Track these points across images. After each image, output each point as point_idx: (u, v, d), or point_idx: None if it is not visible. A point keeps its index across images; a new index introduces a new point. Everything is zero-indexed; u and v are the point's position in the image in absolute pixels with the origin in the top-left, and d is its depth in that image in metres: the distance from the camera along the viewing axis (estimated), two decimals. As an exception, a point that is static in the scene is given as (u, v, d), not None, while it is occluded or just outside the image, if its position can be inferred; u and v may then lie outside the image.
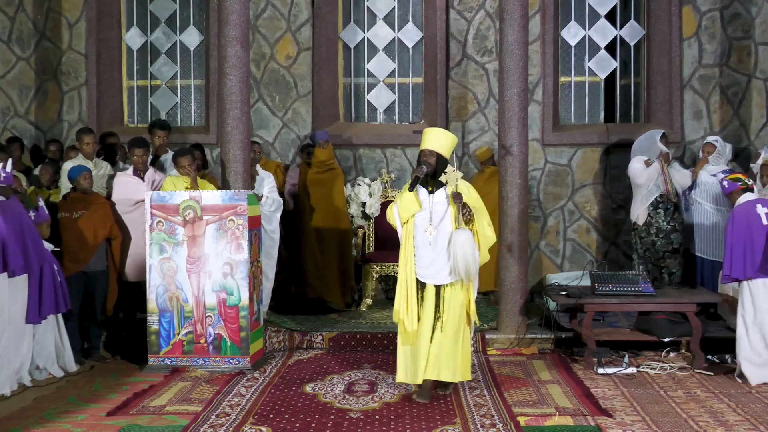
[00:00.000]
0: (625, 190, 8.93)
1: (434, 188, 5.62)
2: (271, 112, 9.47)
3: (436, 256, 5.55)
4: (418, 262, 5.60)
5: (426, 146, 5.64)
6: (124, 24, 9.76)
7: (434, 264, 5.56)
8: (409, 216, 5.62)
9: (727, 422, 5.06)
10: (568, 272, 8.76)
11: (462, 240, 5.46)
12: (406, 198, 5.59)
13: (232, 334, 6.47)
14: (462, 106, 9.35)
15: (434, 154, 5.60)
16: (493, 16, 9.20)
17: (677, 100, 9.13)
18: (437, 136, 5.69)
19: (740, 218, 6.10)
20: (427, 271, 5.59)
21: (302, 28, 9.39)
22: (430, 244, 5.56)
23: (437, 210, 5.58)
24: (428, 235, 5.56)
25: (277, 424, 5.06)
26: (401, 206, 5.62)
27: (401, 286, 5.62)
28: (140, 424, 5.08)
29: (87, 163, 7.34)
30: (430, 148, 5.62)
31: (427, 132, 5.73)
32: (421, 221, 5.61)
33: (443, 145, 5.66)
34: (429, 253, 5.56)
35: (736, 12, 9.08)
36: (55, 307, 6.21)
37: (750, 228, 6.03)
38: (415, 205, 5.59)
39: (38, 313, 6.07)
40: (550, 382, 6.08)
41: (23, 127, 9.56)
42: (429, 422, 5.09)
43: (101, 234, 6.81)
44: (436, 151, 5.61)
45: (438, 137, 5.68)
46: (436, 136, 5.68)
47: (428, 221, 5.58)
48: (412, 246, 5.61)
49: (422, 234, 5.59)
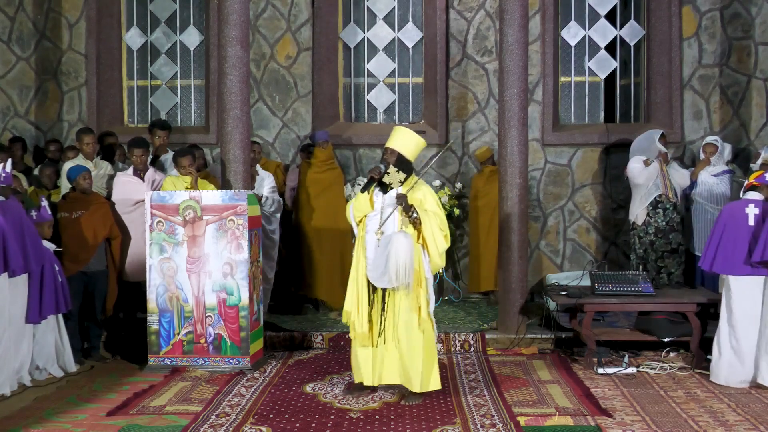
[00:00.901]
0: (625, 190, 8.92)
1: (388, 189, 5.48)
2: (271, 112, 9.47)
3: (379, 258, 5.40)
4: (368, 264, 5.49)
5: (389, 145, 5.52)
6: (124, 24, 9.76)
7: (377, 268, 5.41)
8: (362, 216, 5.53)
9: (727, 422, 5.06)
10: (568, 272, 8.77)
11: (397, 243, 5.27)
12: (359, 198, 5.51)
13: (232, 334, 6.47)
14: (462, 106, 9.35)
15: (395, 153, 5.48)
16: (493, 16, 9.20)
17: (677, 100, 9.13)
18: (402, 135, 5.54)
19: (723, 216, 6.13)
20: (373, 274, 5.45)
21: (302, 28, 9.40)
22: (378, 246, 5.42)
23: (388, 211, 5.44)
24: (376, 237, 5.44)
25: (277, 424, 5.06)
26: (355, 206, 5.53)
27: (352, 286, 5.55)
28: (140, 424, 5.08)
29: (87, 163, 7.35)
30: (392, 147, 5.50)
31: (395, 130, 5.59)
32: (372, 223, 5.50)
33: (406, 146, 5.50)
34: (378, 255, 5.41)
35: (736, 12, 9.09)
36: (56, 308, 6.21)
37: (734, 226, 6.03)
38: (366, 206, 5.48)
39: (38, 313, 6.07)
40: (550, 382, 6.08)
41: (23, 127, 9.56)
42: (429, 422, 5.09)
43: (101, 234, 6.81)
44: (398, 151, 5.48)
45: (402, 137, 5.53)
46: (400, 136, 5.54)
47: (378, 222, 5.45)
48: (363, 247, 5.52)
49: (371, 235, 5.48)
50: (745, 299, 5.94)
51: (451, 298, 9.03)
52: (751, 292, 5.93)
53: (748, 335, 5.94)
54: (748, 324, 5.93)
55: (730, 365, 5.97)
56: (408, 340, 5.43)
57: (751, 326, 5.92)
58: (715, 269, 6.11)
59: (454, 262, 9.30)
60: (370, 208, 5.49)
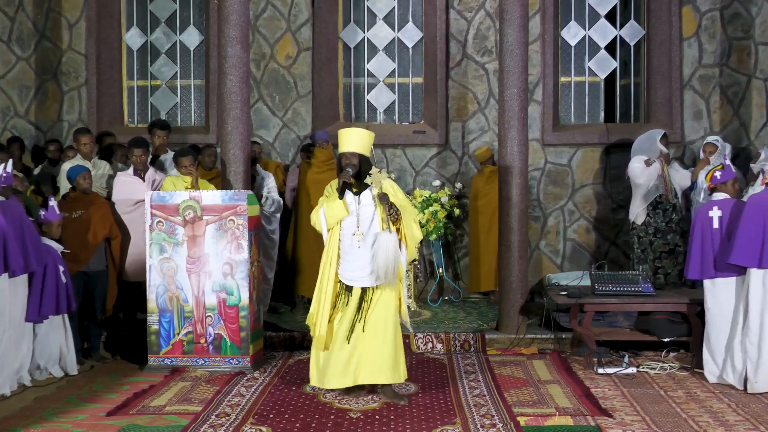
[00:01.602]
0: (625, 190, 8.92)
1: (360, 190, 5.51)
2: (271, 112, 9.47)
3: (364, 258, 5.44)
4: (346, 266, 5.50)
5: (347, 149, 5.51)
6: (124, 24, 9.76)
7: (364, 266, 5.45)
8: (336, 222, 5.52)
9: (727, 422, 5.06)
10: (568, 272, 8.77)
11: (385, 242, 5.34)
12: (333, 205, 5.47)
13: (232, 334, 6.47)
14: (462, 106, 9.35)
15: (356, 155, 5.50)
16: (493, 16, 9.20)
17: (677, 100, 9.13)
18: (355, 136, 5.55)
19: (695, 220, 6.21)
20: (355, 274, 5.49)
21: (302, 28, 9.40)
22: (359, 247, 5.46)
23: (364, 212, 5.48)
24: (357, 239, 5.46)
25: (277, 424, 5.06)
26: (329, 213, 5.50)
27: (318, 290, 5.54)
28: (140, 424, 5.08)
29: (85, 163, 7.35)
30: (351, 150, 5.49)
31: (345, 133, 5.58)
32: (349, 225, 5.51)
33: (363, 145, 5.54)
34: (359, 257, 5.46)
35: (736, 12, 9.09)
36: (56, 308, 6.19)
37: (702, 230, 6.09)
38: (343, 212, 5.48)
39: (38, 313, 6.07)
40: (550, 382, 6.08)
41: (23, 127, 9.56)
42: (429, 422, 5.09)
43: (101, 234, 6.82)
44: (358, 152, 5.51)
45: (356, 137, 5.54)
46: (354, 137, 5.54)
47: (356, 225, 5.48)
48: (337, 250, 5.52)
49: (350, 238, 5.49)
50: (716, 301, 6.05)
51: (451, 298, 9.03)
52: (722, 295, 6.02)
53: (719, 336, 6.02)
54: (721, 324, 6.02)
55: (705, 362, 6.10)
56: (385, 334, 5.46)
57: (723, 326, 6.01)
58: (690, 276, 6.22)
59: (454, 262, 9.30)
60: (346, 213, 5.49)
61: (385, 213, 5.42)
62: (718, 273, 6.00)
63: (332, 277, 5.51)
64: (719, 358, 6.01)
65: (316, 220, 5.59)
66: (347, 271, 5.51)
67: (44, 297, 6.10)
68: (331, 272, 5.52)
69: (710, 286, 6.09)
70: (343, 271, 5.53)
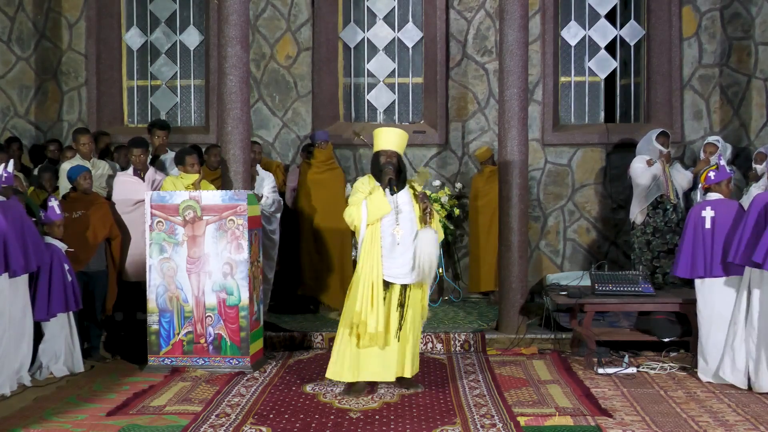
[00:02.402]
0: (625, 190, 8.93)
1: (399, 188, 5.60)
2: (271, 112, 9.47)
3: (405, 256, 5.56)
4: (387, 263, 5.57)
5: (387, 147, 5.60)
6: (124, 24, 9.76)
7: (405, 264, 5.56)
8: (378, 218, 5.56)
9: (727, 422, 5.06)
10: (568, 272, 8.77)
11: (428, 239, 5.49)
12: (377, 200, 5.52)
13: (232, 334, 6.47)
14: (462, 106, 9.35)
15: (395, 154, 5.61)
16: (493, 16, 9.20)
17: (677, 100, 9.13)
18: (396, 136, 5.66)
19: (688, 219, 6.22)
20: (397, 271, 5.59)
21: (302, 28, 9.40)
22: (399, 243, 5.55)
23: (404, 210, 5.58)
24: (397, 235, 5.54)
25: (277, 424, 5.06)
26: (372, 208, 5.53)
27: (366, 287, 5.52)
28: (140, 424, 5.07)
29: (85, 163, 7.35)
30: (392, 149, 5.60)
31: (385, 132, 5.67)
32: (388, 223, 5.57)
33: (401, 144, 5.68)
34: (399, 254, 5.56)
35: (736, 12, 9.09)
36: (65, 305, 6.24)
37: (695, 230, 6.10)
38: (386, 207, 5.53)
39: (47, 311, 6.10)
40: (550, 382, 6.08)
41: (23, 127, 9.56)
42: (429, 422, 5.09)
43: (101, 234, 6.82)
44: (397, 151, 5.62)
45: (397, 137, 5.65)
46: (395, 137, 5.65)
47: (395, 222, 5.55)
48: (379, 247, 5.56)
49: (390, 236, 5.55)
50: (706, 301, 6.08)
51: (451, 298, 9.03)
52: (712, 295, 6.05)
53: (709, 335, 6.04)
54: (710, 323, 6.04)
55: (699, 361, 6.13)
56: (414, 330, 5.74)
57: (713, 326, 6.03)
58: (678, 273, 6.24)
59: (454, 262, 9.30)
60: (389, 209, 5.55)
61: (422, 211, 5.58)
62: (711, 273, 6.00)
63: (379, 275, 5.54)
64: (710, 357, 6.03)
65: (355, 215, 5.56)
66: (390, 269, 5.57)
67: (52, 295, 6.13)
68: (377, 269, 5.54)
69: (700, 286, 6.12)
70: (385, 270, 5.57)
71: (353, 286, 5.63)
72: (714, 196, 6.14)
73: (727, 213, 5.99)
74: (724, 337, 5.97)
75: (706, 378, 6.04)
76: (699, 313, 6.16)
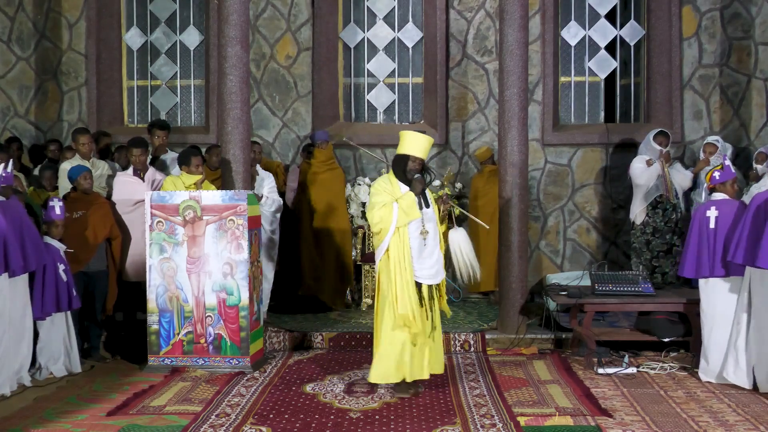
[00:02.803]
0: (625, 190, 8.93)
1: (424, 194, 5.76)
2: (271, 112, 9.47)
3: (432, 258, 5.70)
4: (418, 265, 5.63)
5: (416, 154, 5.64)
6: (124, 24, 9.76)
7: (432, 265, 5.69)
8: (407, 222, 5.60)
9: (727, 422, 5.06)
10: (568, 272, 8.76)
11: (463, 237, 5.77)
12: (410, 205, 5.58)
13: (232, 334, 6.47)
14: (462, 106, 9.35)
15: (422, 161, 5.70)
16: (493, 16, 9.20)
17: (677, 100, 9.13)
18: (424, 143, 5.70)
19: (693, 219, 6.23)
20: (426, 272, 5.67)
21: (302, 28, 9.40)
22: (426, 246, 5.66)
23: (427, 212, 5.70)
24: (424, 237, 5.64)
25: (277, 424, 5.06)
26: (404, 213, 5.55)
27: (404, 289, 5.54)
28: (140, 424, 5.08)
29: (84, 162, 7.35)
30: (420, 156, 5.66)
31: (413, 137, 5.69)
32: (415, 225, 5.64)
33: (428, 151, 5.78)
34: (427, 255, 5.67)
35: (736, 12, 9.08)
36: (57, 305, 6.23)
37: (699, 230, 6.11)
38: (417, 213, 5.60)
39: (41, 310, 6.10)
40: (550, 382, 6.08)
41: (23, 127, 9.56)
42: (429, 422, 5.09)
43: (101, 234, 6.82)
44: (422, 158, 5.69)
45: (425, 145, 5.70)
46: (423, 144, 5.69)
47: (421, 224, 5.64)
48: (408, 249, 5.60)
49: (417, 238, 5.63)
50: (709, 301, 6.08)
51: (451, 298, 9.00)
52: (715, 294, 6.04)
53: (711, 336, 6.04)
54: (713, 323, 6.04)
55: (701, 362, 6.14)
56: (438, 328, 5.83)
57: (716, 325, 6.02)
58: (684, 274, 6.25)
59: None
60: (419, 213, 5.62)
61: (443, 213, 5.84)
62: (713, 273, 6.02)
63: (411, 278, 5.58)
64: (711, 357, 6.02)
65: (387, 218, 5.55)
66: (420, 270, 5.64)
67: (45, 295, 6.12)
68: (409, 271, 5.57)
69: (704, 286, 6.12)
70: (416, 271, 5.63)
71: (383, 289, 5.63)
72: (719, 196, 6.14)
73: (730, 213, 6.00)
74: (726, 337, 5.97)
75: (706, 378, 6.04)
76: (702, 313, 6.16)
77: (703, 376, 6.06)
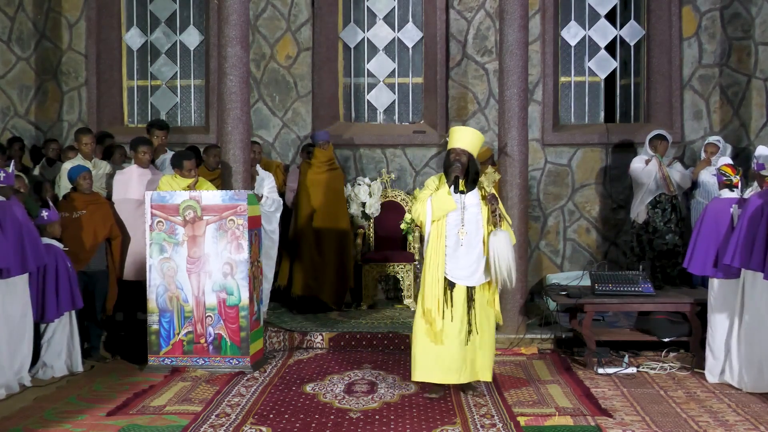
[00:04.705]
0: (625, 190, 8.93)
1: (466, 189, 5.55)
2: (271, 112, 9.47)
3: (468, 258, 5.52)
4: (451, 264, 5.52)
5: (457, 145, 5.56)
6: (124, 24, 9.76)
7: (468, 266, 5.52)
8: (443, 215, 5.50)
9: (727, 422, 5.06)
10: (568, 272, 8.76)
11: (503, 242, 5.44)
12: (442, 197, 5.48)
13: (232, 334, 6.47)
14: (462, 106, 9.35)
15: (466, 153, 5.55)
16: (493, 16, 9.20)
17: (677, 100, 9.13)
18: (468, 134, 5.62)
19: (710, 215, 6.12)
20: (459, 273, 5.53)
21: (302, 28, 9.40)
22: (462, 245, 5.51)
23: (470, 211, 5.53)
24: (461, 236, 5.50)
25: (277, 424, 5.06)
26: (436, 205, 5.48)
27: (432, 285, 5.49)
28: (140, 424, 5.08)
29: (86, 162, 7.35)
30: (461, 147, 5.55)
31: (457, 131, 5.65)
32: (454, 223, 5.52)
33: (473, 144, 5.61)
34: (462, 255, 5.52)
35: (736, 12, 9.08)
36: (72, 303, 6.26)
37: (717, 227, 6.03)
38: (451, 204, 5.48)
39: (56, 310, 6.11)
40: (550, 382, 6.08)
41: (23, 127, 9.56)
42: (429, 422, 5.09)
43: (101, 234, 6.82)
44: (468, 150, 5.56)
45: (468, 135, 5.61)
46: (467, 135, 5.61)
47: (461, 222, 5.51)
48: (444, 245, 5.51)
49: (455, 237, 5.52)
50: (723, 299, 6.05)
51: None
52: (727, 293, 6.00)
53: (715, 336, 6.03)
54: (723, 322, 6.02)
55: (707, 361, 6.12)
56: (485, 332, 5.59)
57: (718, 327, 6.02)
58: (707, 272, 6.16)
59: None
60: (454, 206, 5.48)
61: (490, 213, 5.51)
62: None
63: (443, 272, 5.49)
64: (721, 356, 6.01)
65: (421, 211, 5.54)
66: (453, 270, 5.52)
67: (60, 294, 6.15)
68: (441, 267, 5.49)
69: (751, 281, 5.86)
70: (448, 269, 5.52)
71: (422, 284, 5.59)
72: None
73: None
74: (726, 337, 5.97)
75: (712, 379, 6.01)
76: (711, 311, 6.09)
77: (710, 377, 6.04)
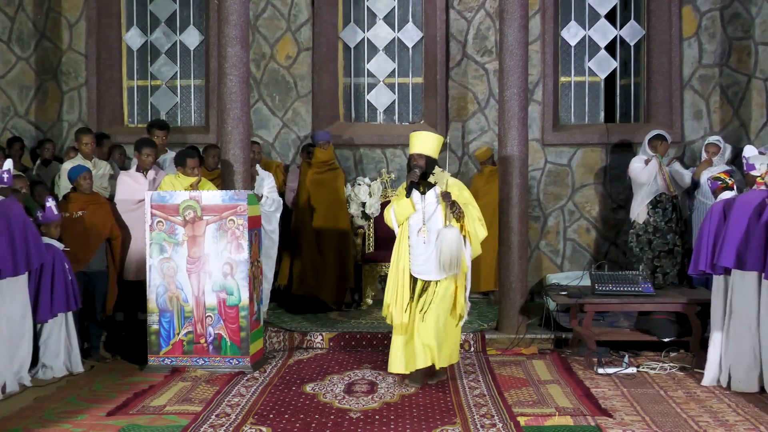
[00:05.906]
0: (625, 190, 8.93)
1: (425, 189, 5.91)
2: (271, 112, 9.47)
3: (430, 254, 5.84)
4: (414, 260, 5.90)
5: (414, 150, 5.95)
6: (124, 24, 9.76)
7: (428, 261, 5.84)
8: (405, 219, 5.93)
9: (727, 422, 5.06)
10: (568, 272, 8.76)
11: (447, 237, 5.74)
12: (402, 203, 5.91)
13: (232, 334, 6.47)
14: (462, 106, 9.35)
15: (423, 156, 5.92)
16: (493, 16, 9.20)
17: (677, 100, 9.13)
18: (423, 139, 5.98)
19: (717, 214, 6.10)
20: (422, 268, 5.88)
21: (302, 28, 9.40)
22: (424, 243, 5.86)
23: (430, 210, 5.89)
24: (422, 235, 5.85)
25: (277, 424, 5.06)
26: (398, 211, 5.93)
27: (392, 281, 5.95)
28: (140, 424, 5.08)
29: (86, 162, 7.35)
30: (418, 152, 5.93)
31: (414, 136, 6.01)
32: (415, 222, 5.92)
33: (430, 147, 5.98)
34: (423, 252, 5.86)
35: (736, 12, 9.08)
36: (67, 305, 6.25)
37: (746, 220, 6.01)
38: (409, 209, 5.90)
39: (50, 311, 6.11)
40: (550, 382, 6.08)
41: (23, 127, 9.56)
42: (429, 422, 5.09)
43: (101, 234, 6.82)
44: (425, 154, 5.92)
45: (424, 140, 5.97)
46: (422, 140, 5.97)
47: (422, 221, 5.88)
48: (407, 245, 5.93)
49: (416, 234, 5.89)
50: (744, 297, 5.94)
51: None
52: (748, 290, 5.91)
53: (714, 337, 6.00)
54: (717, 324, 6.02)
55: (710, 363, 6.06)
56: (444, 321, 5.86)
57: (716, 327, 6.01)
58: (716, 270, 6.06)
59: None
60: (413, 210, 5.89)
61: (448, 210, 5.80)
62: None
63: (405, 269, 5.91)
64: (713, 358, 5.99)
65: (388, 217, 6.01)
66: (415, 265, 5.90)
67: (55, 294, 6.14)
68: (403, 265, 5.92)
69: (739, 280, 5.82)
70: (411, 264, 5.90)
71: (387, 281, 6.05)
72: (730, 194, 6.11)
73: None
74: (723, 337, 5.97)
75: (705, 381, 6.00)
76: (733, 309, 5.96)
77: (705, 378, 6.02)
